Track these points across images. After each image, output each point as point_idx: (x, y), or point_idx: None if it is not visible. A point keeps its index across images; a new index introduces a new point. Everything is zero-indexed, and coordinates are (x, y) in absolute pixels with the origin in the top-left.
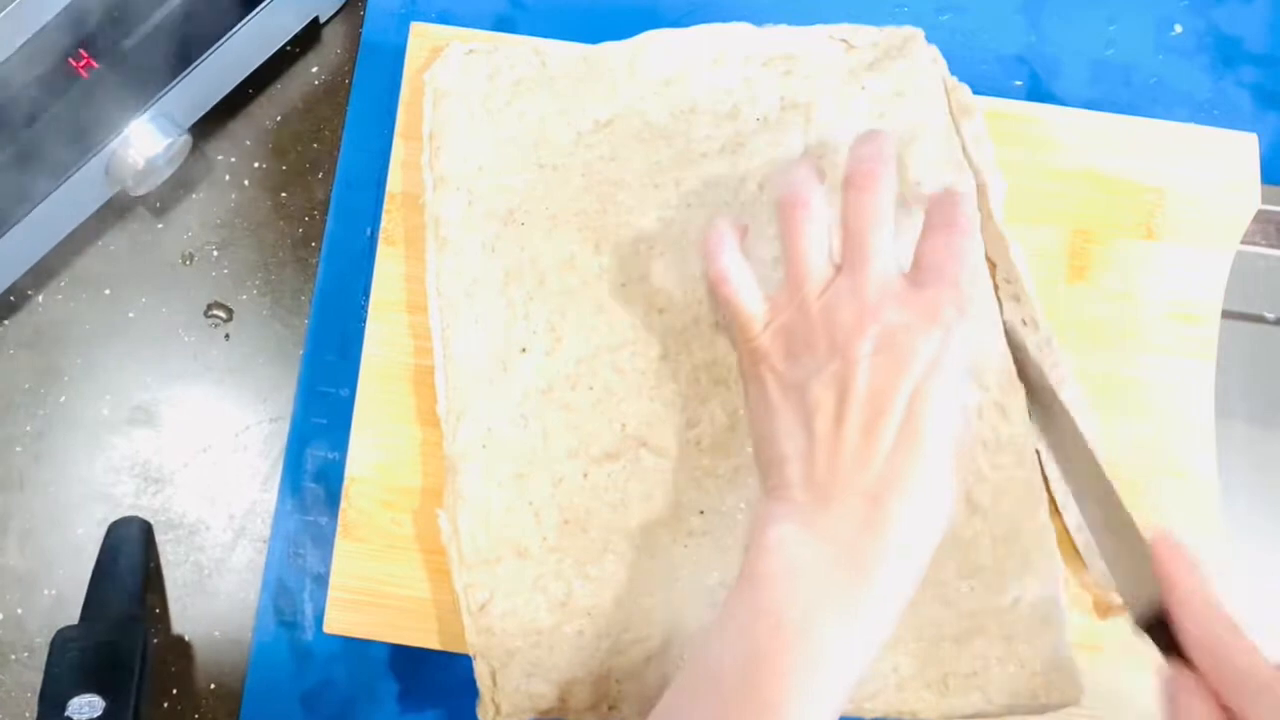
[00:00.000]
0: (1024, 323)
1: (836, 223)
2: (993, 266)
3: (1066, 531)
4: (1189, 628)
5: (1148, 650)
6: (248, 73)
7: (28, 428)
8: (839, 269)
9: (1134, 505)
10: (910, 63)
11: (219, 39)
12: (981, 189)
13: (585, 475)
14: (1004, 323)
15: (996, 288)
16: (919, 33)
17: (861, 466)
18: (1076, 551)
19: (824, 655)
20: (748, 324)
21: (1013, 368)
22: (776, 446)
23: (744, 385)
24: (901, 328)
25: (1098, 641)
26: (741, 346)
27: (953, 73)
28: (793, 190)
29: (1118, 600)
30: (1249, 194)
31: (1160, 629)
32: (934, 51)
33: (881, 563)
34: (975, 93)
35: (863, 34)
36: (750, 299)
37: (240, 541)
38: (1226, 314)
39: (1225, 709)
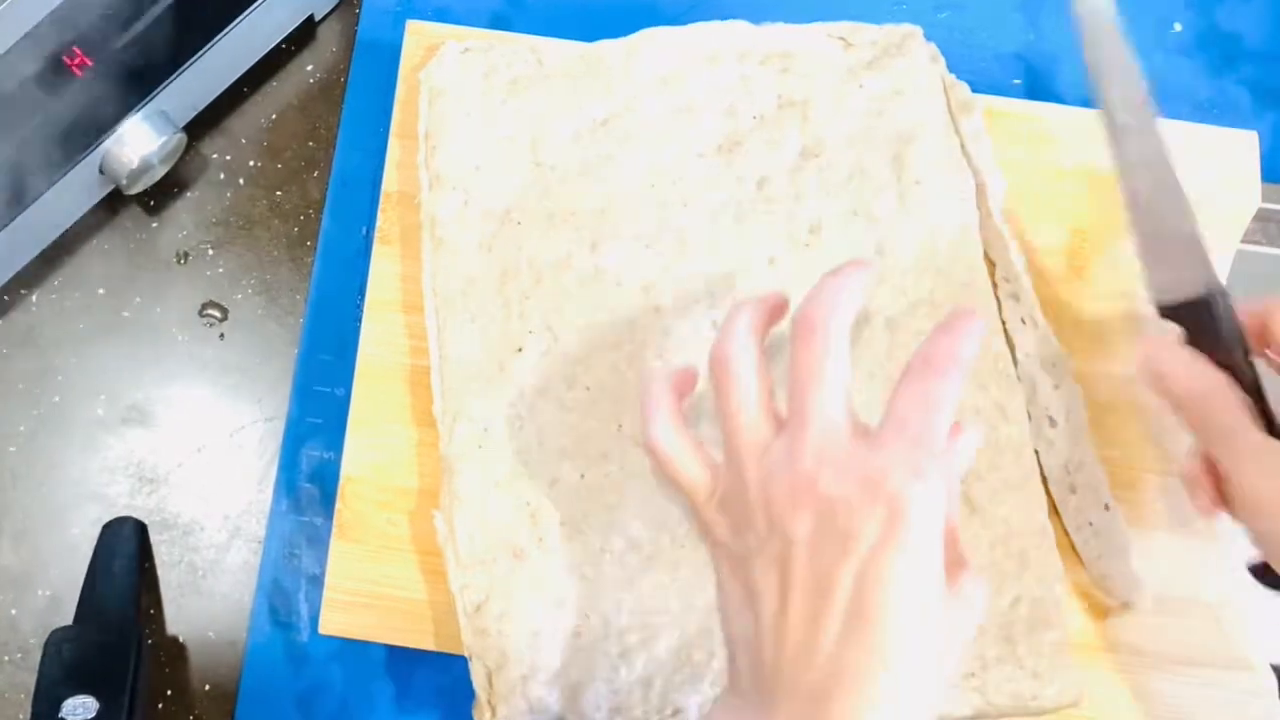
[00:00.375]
0: (1023, 321)
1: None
2: (991, 265)
3: (1065, 532)
4: None
5: (1147, 651)
6: (242, 70)
7: (21, 427)
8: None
9: (1134, 505)
10: (909, 61)
11: (213, 37)
12: (980, 188)
13: (582, 476)
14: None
15: (996, 286)
16: (917, 31)
17: (806, 662)
18: (1075, 552)
19: None
20: (691, 495)
21: (1011, 368)
22: (729, 628)
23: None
24: (840, 501)
25: (1097, 642)
26: (691, 516)
27: (951, 70)
28: (720, 348)
29: (1115, 601)
30: (1249, 192)
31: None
32: (933, 49)
33: None
34: (974, 91)
35: (861, 32)
36: (689, 470)
37: (235, 542)
38: None
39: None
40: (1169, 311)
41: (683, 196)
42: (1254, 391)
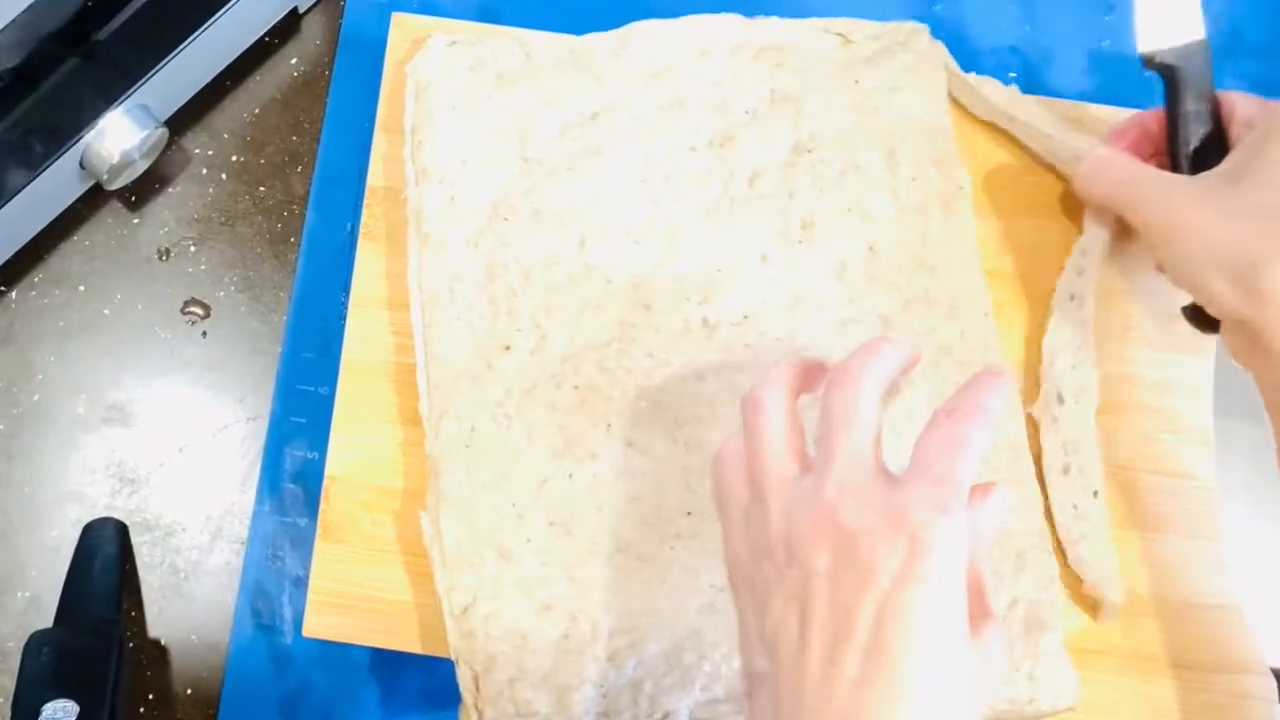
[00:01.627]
0: (1071, 298)
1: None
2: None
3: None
4: None
5: (1145, 655)
6: (225, 64)
7: (0, 427)
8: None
9: (1134, 505)
10: (912, 58)
11: (195, 29)
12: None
13: (570, 476)
14: None
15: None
16: (923, 29)
17: (825, 701)
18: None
19: None
20: (729, 504)
21: (1007, 368)
22: (749, 663)
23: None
24: (862, 534)
25: (1094, 645)
26: (725, 548)
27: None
28: (755, 391)
29: (1086, 590)
30: None
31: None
32: (940, 48)
33: None
34: None
35: (862, 28)
36: (733, 487)
37: (218, 543)
38: None
39: None
40: (1158, 63)
41: (674, 192)
42: (1204, 145)
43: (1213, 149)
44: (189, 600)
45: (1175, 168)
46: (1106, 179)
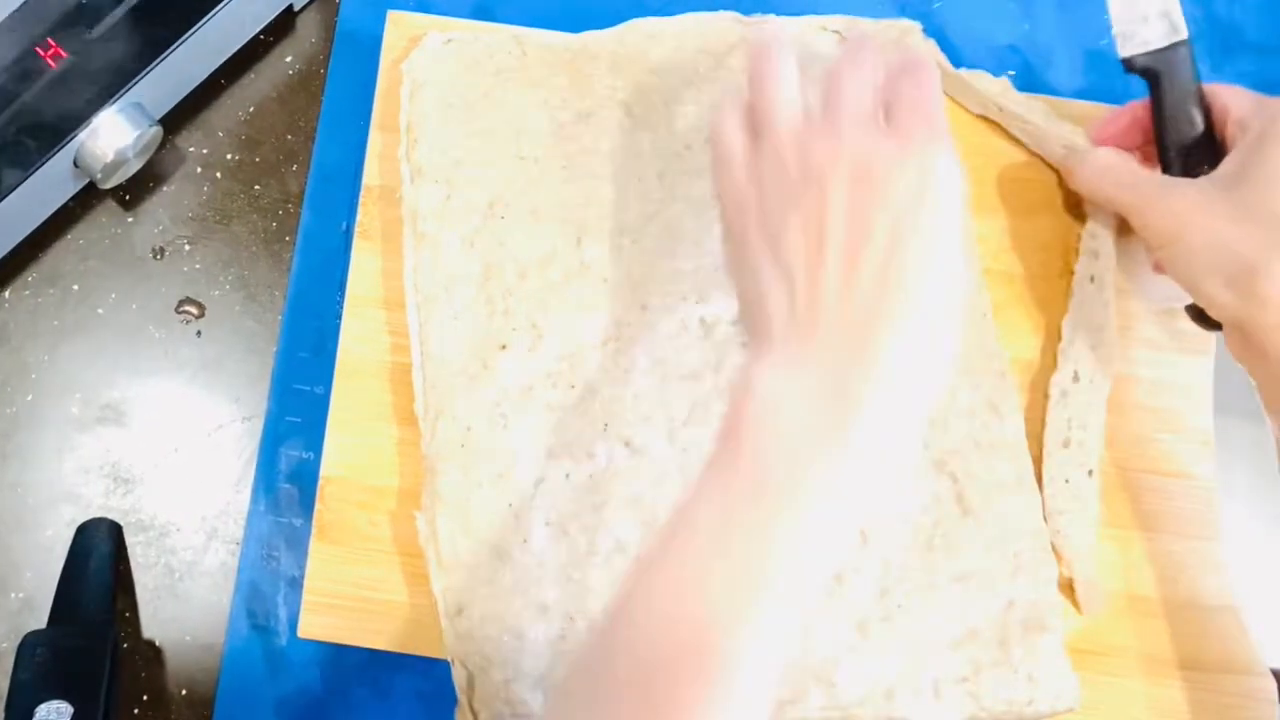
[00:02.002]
0: (1091, 280)
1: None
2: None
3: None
4: None
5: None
6: (220, 62)
7: None
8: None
9: (1133, 505)
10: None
11: (190, 27)
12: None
13: (567, 476)
14: None
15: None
16: (916, 26)
17: (845, 298)
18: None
19: (812, 500)
20: (729, 159)
21: (1006, 367)
22: (759, 300)
23: (726, 248)
24: (877, 155)
25: (1093, 646)
26: (723, 197)
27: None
28: (762, 39)
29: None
30: None
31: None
32: (932, 45)
33: (870, 389)
34: None
35: (857, 26)
36: (777, 99)
37: (212, 544)
38: None
39: None
40: (1138, 65)
41: (669, 190)
42: (1194, 144)
43: (1204, 147)
44: (184, 601)
45: (1166, 167)
46: (1107, 183)
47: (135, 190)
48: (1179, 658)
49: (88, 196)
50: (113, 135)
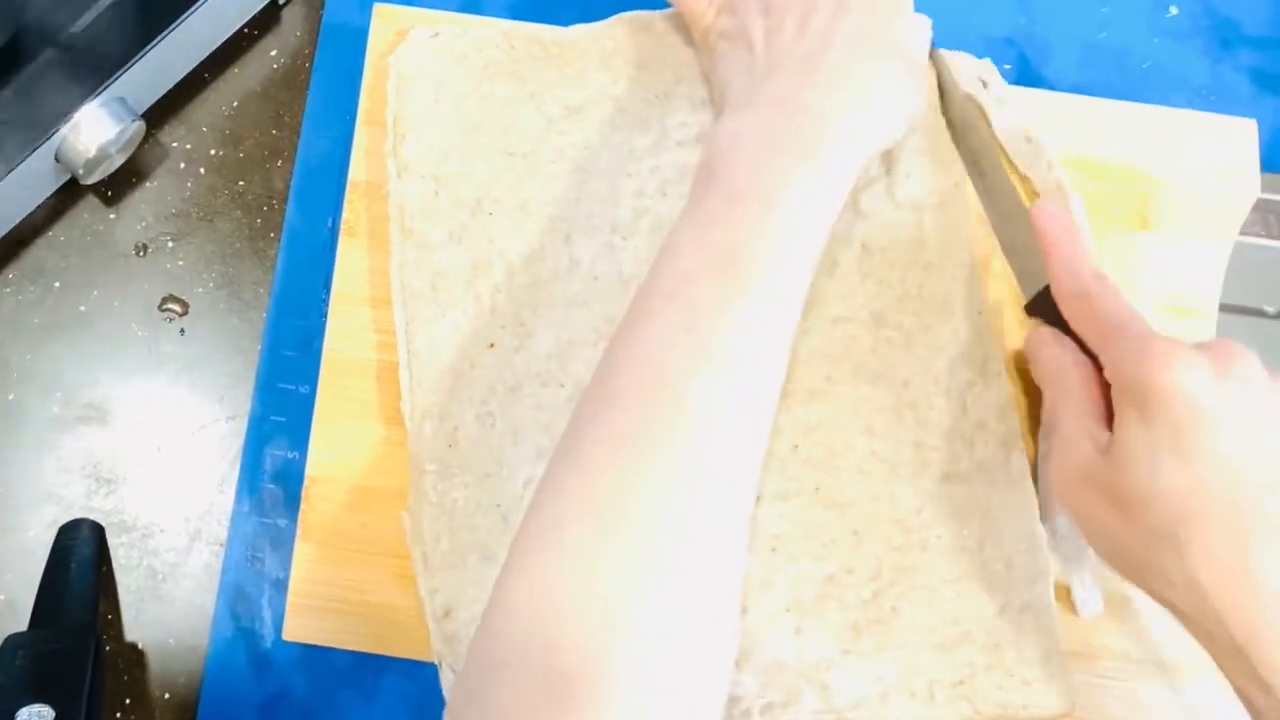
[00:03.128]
0: None
1: None
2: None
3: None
4: (1062, 279)
5: (1142, 658)
6: (204, 56)
7: None
8: None
9: None
10: None
11: (173, 21)
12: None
13: None
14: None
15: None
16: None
17: (796, 43)
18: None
19: (783, 201)
20: (696, 13)
21: (1002, 367)
22: (725, 78)
23: (700, 57)
24: None
25: (1089, 649)
26: (698, 41)
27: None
28: None
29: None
30: (1248, 182)
31: (1046, 301)
32: (924, 21)
33: (824, 96)
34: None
35: None
36: None
37: (196, 545)
38: (1224, 307)
39: (1090, 357)
40: (1036, 306)
41: (660, 186)
42: None
43: None
44: (167, 603)
45: None
46: (1036, 365)
47: (118, 186)
48: (1177, 661)
49: (69, 192)
50: (95, 130)
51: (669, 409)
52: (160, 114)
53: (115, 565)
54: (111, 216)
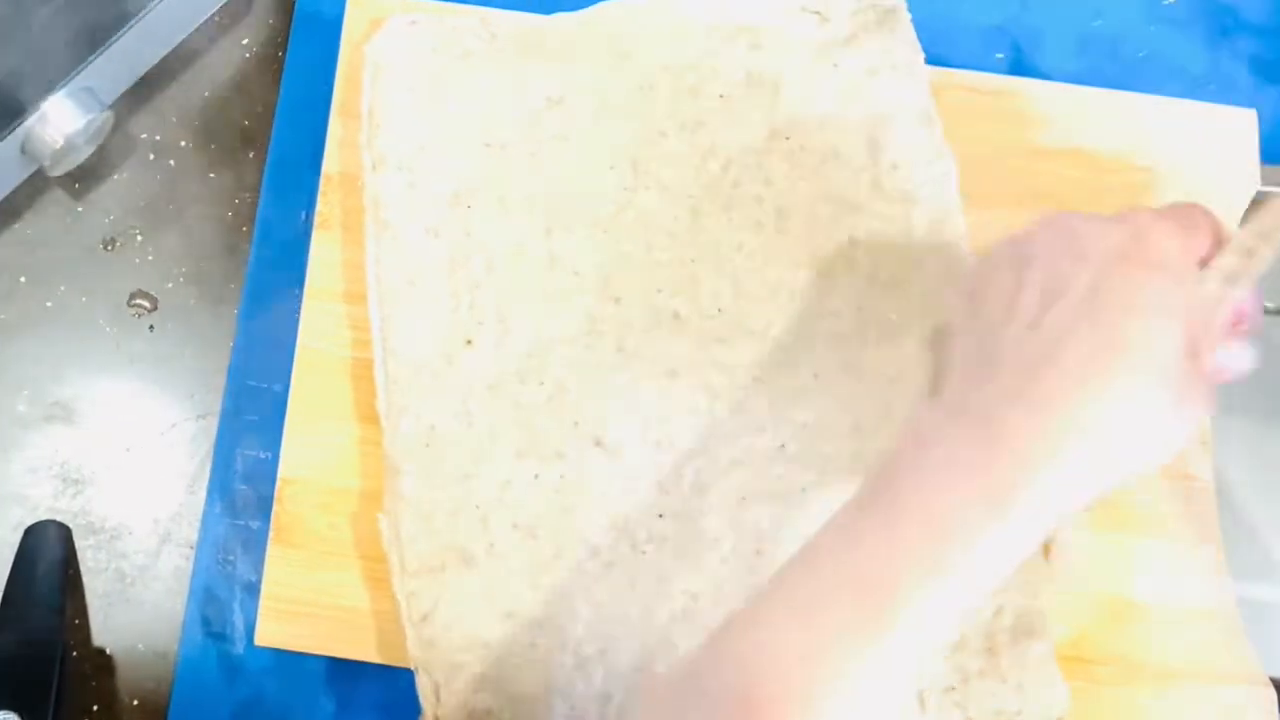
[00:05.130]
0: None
1: None
2: None
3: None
4: None
5: (1138, 663)
6: (173, 45)
7: None
8: None
9: (1130, 507)
10: (890, 38)
11: (142, 8)
12: None
13: (536, 476)
14: None
15: None
16: (900, 5)
17: (1022, 344)
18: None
19: (953, 557)
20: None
21: None
22: (946, 357)
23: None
24: (1084, 228)
25: (1084, 653)
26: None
27: (930, 44)
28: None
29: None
30: (1247, 174)
31: None
32: (908, 30)
33: (1030, 440)
34: (953, 65)
35: (838, 6)
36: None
37: (165, 547)
38: None
39: None
40: None
41: (643, 179)
42: None
43: None
44: (136, 607)
45: None
46: None
47: (85, 178)
48: (1174, 666)
49: (35, 184)
50: (62, 121)
51: None
52: (129, 104)
53: (83, 568)
54: (79, 210)
